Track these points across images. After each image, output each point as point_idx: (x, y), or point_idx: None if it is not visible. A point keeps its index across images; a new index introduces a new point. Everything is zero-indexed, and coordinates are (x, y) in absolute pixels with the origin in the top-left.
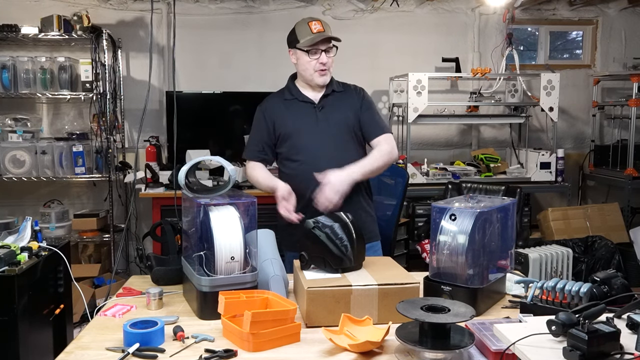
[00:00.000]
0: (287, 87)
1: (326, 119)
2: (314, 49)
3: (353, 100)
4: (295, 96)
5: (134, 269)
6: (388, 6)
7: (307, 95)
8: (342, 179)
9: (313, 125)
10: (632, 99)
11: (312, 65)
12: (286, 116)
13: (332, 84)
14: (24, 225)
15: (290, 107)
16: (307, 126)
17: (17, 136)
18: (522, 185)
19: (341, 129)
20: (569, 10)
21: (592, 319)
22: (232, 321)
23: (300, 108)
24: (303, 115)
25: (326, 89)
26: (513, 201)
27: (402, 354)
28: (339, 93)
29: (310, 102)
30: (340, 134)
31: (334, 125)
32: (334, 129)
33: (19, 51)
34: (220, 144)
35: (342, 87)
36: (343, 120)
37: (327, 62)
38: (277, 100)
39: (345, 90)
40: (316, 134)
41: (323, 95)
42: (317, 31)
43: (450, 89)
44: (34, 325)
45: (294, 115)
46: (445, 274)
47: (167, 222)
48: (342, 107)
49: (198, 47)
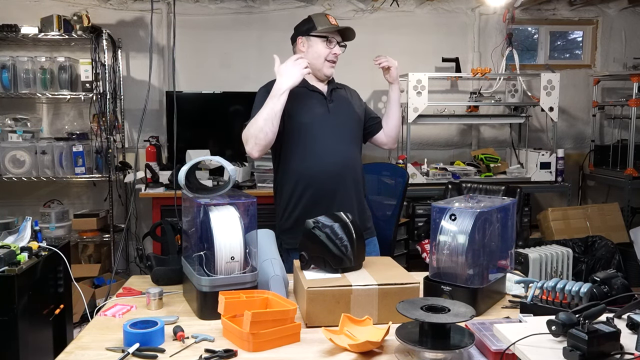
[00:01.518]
0: None
1: (337, 112)
2: (332, 37)
3: (355, 98)
4: (304, 84)
5: (134, 269)
6: (388, 6)
7: (315, 86)
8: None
9: (326, 116)
10: (632, 99)
11: (326, 54)
12: (298, 103)
13: (333, 82)
14: (24, 225)
15: (300, 94)
16: (320, 117)
17: (17, 136)
18: (522, 185)
19: (352, 123)
20: (569, 10)
21: (592, 319)
22: (232, 321)
23: (312, 97)
24: (316, 105)
25: (329, 85)
26: (513, 201)
27: (402, 354)
28: (342, 90)
29: (320, 92)
30: (351, 128)
31: (345, 118)
32: (345, 122)
33: (19, 51)
34: (220, 144)
35: (340, 85)
36: (351, 117)
37: (338, 55)
38: None
39: (345, 88)
40: (328, 126)
41: (330, 90)
42: (335, 24)
43: (450, 89)
44: (34, 325)
45: (307, 103)
46: (445, 274)
47: (167, 222)
48: (349, 104)
49: (198, 47)
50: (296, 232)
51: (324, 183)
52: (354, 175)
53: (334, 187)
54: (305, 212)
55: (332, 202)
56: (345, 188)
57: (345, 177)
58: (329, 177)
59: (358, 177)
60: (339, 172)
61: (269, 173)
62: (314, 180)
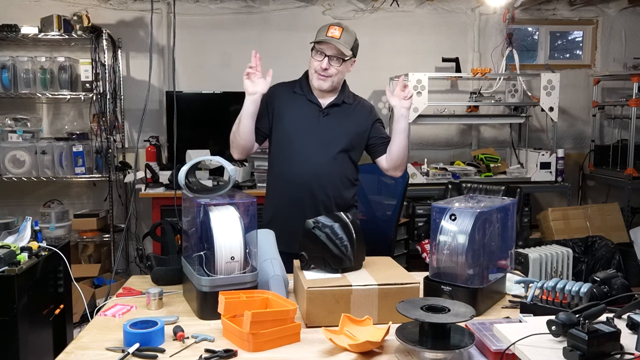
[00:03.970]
0: (300, 81)
1: (327, 127)
2: (319, 49)
3: (362, 117)
4: (304, 93)
5: (134, 269)
6: (388, 6)
7: (316, 97)
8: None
9: (314, 128)
10: (632, 99)
11: (314, 65)
12: (290, 110)
13: (344, 95)
14: (23, 225)
15: (296, 101)
16: (307, 127)
17: (17, 136)
18: (522, 185)
19: (341, 140)
20: (569, 10)
21: (592, 319)
22: (232, 321)
23: (306, 107)
24: (307, 115)
25: (336, 98)
26: (513, 201)
27: (402, 354)
28: (349, 105)
29: (317, 104)
30: (338, 145)
31: (334, 134)
32: (333, 138)
33: (19, 51)
34: (220, 144)
35: (352, 99)
36: (344, 133)
37: (328, 69)
38: (286, 89)
39: (355, 105)
40: (314, 138)
41: (332, 103)
42: (330, 36)
43: (450, 89)
44: (33, 325)
45: (298, 112)
46: (445, 274)
47: (167, 222)
48: (348, 120)
49: (198, 47)
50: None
51: (291, 191)
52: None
53: (301, 197)
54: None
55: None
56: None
57: (312, 189)
58: (296, 185)
59: (330, 191)
60: (307, 183)
61: None
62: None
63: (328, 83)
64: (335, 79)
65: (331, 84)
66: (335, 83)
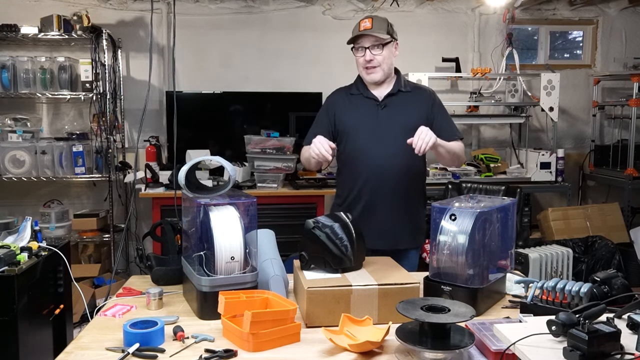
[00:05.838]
0: (356, 82)
1: (388, 118)
2: (358, 45)
3: (421, 103)
4: (360, 91)
5: (134, 269)
6: (388, 6)
7: (372, 92)
8: (431, 132)
9: (373, 123)
10: (633, 99)
11: (359, 62)
12: (348, 110)
13: (400, 84)
14: (23, 225)
15: (353, 101)
16: (367, 123)
17: (17, 136)
18: (522, 185)
19: (403, 130)
20: (569, 10)
21: (592, 319)
22: (232, 321)
23: (363, 104)
24: (365, 111)
25: (392, 88)
26: (513, 201)
27: (402, 354)
28: (406, 93)
29: (373, 98)
30: (402, 135)
31: (395, 125)
32: (396, 129)
33: (19, 51)
34: (220, 144)
35: (410, 87)
36: (406, 122)
37: (372, 59)
38: (342, 94)
39: (413, 91)
40: (376, 132)
41: (388, 94)
42: (363, 28)
43: (450, 88)
44: (33, 325)
45: (356, 110)
46: (445, 274)
47: (167, 222)
48: (407, 108)
49: (198, 47)
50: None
51: (361, 189)
52: (393, 184)
53: (369, 195)
54: (348, 209)
55: (368, 206)
56: (383, 196)
57: (382, 186)
58: (364, 183)
59: (400, 186)
60: (373, 179)
61: (269, 173)
62: (363, 186)
63: (379, 74)
64: (384, 66)
65: (382, 73)
66: (386, 71)
